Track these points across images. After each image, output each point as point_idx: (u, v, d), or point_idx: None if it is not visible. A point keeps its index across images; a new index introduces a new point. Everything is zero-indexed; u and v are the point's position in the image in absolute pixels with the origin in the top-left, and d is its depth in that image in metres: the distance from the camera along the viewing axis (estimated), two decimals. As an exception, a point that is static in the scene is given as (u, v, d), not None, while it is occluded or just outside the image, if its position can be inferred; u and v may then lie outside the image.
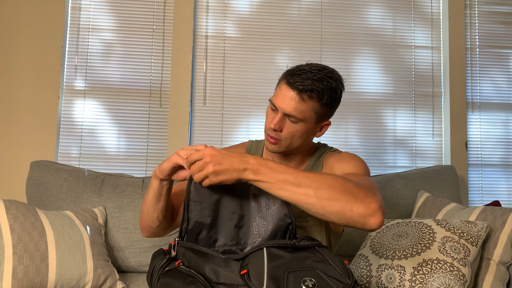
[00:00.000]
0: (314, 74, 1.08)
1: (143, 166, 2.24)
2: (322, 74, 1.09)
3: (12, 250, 1.39)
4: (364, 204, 0.86)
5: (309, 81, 1.07)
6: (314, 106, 1.09)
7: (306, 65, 1.11)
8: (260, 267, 0.80)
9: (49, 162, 1.91)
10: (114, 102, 2.24)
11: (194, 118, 2.28)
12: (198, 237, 0.93)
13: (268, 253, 0.84)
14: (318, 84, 1.07)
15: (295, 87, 1.07)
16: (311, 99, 1.08)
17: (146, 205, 1.09)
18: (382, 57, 2.41)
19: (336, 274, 0.80)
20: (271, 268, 0.80)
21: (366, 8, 2.43)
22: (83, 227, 1.60)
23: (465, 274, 1.42)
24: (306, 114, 1.09)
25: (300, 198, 0.87)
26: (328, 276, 0.79)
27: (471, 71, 2.44)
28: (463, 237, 1.50)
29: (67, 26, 2.25)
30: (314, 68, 1.10)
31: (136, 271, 1.81)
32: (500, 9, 2.50)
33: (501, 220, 1.56)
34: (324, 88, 1.08)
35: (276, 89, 1.13)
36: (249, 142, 1.33)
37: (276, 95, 1.12)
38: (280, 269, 0.80)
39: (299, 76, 1.08)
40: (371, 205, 0.87)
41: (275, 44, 2.35)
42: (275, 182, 0.87)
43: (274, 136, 1.12)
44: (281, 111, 1.09)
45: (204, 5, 2.34)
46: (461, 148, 2.38)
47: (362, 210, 0.86)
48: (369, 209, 0.86)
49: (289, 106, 1.08)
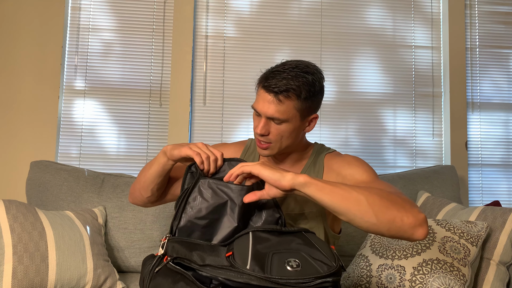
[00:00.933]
0: (288, 73, 1.07)
1: (143, 166, 2.23)
2: (296, 71, 1.08)
3: (12, 250, 1.39)
4: (413, 214, 0.86)
5: (284, 81, 1.06)
6: (294, 104, 1.08)
7: (280, 65, 1.11)
8: (245, 249, 0.81)
9: (49, 162, 1.91)
10: (114, 102, 2.24)
11: (194, 118, 2.28)
12: (190, 236, 0.93)
13: (253, 236, 0.86)
14: (293, 82, 1.06)
15: (271, 90, 1.07)
16: (289, 99, 1.07)
17: (146, 176, 1.17)
18: (382, 57, 2.41)
19: (321, 257, 0.80)
20: (256, 249, 0.81)
21: (366, 8, 2.43)
22: (83, 227, 1.60)
23: (465, 274, 1.42)
24: (288, 114, 1.08)
25: (351, 205, 0.85)
26: (313, 259, 0.79)
27: (471, 71, 2.44)
28: (463, 237, 1.50)
29: (67, 26, 2.25)
30: (288, 66, 1.09)
31: (136, 271, 1.81)
32: (500, 9, 2.50)
33: (501, 220, 1.56)
34: (300, 85, 1.07)
35: (256, 94, 1.14)
36: (248, 140, 1.33)
37: (256, 100, 1.12)
38: (265, 250, 0.81)
39: (273, 78, 1.07)
40: (419, 216, 0.86)
41: (275, 44, 2.35)
42: (325, 187, 0.87)
43: (264, 140, 1.12)
44: (263, 115, 1.09)
45: (204, 5, 2.34)
46: (461, 148, 2.38)
47: (411, 220, 0.85)
48: (417, 220, 0.86)
49: (269, 109, 1.08)
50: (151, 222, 1.80)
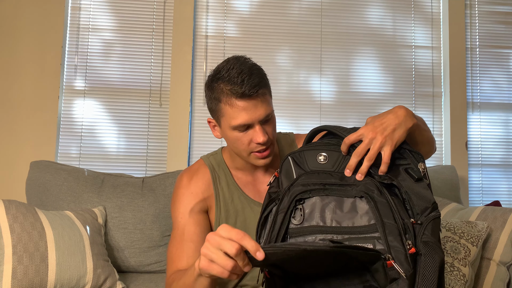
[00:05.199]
0: (247, 72, 1.01)
1: (143, 166, 2.23)
2: (247, 65, 1.04)
3: (12, 250, 1.39)
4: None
5: (252, 79, 1.00)
6: (268, 92, 1.06)
7: (231, 69, 1.03)
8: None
9: (49, 162, 1.91)
10: (114, 102, 2.24)
11: (194, 118, 2.28)
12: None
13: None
14: (257, 74, 1.03)
15: (251, 95, 1.00)
16: (264, 89, 1.04)
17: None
18: (382, 57, 2.41)
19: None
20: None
21: (366, 8, 2.43)
22: (83, 227, 1.60)
23: (465, 274, 1.42)
24: (271, 104, 1.06)
25: (428, 140, 0.98)
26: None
27: (471, 71, 2.44)
28: (464, 237, 1.50)
29: (67, 26, 2.25)
30: (240, 68, 1.02)
31: (136, 271, 1.81)
32: (500, 9, 2.50)
33: (501, 220, 1.56)
34: (259, 73, 1.04)
35: (225, 112, 1.02)
36: (205, 160, 1.19)
37: (236, 117, 1.01)
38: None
39: (242, 84, 0.99)
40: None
41: (275, 44, 2.35)
42: (422, 124, 0.95)
43: (266, 146, 1.04)
44: (256, 122, 1.02)
45: (204, 5, 2.34)
46: (461, 148, 2.37)
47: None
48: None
49: (261, 111, 1.01)
50: (151, 222, 1.79)
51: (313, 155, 0.86)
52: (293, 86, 2.35)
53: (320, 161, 0.85)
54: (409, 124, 0.86)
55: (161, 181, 1.88)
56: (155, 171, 2.22)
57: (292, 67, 2.35)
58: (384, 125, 0.84)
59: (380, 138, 0.82)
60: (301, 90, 2.35)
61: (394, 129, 0.84)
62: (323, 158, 0.85)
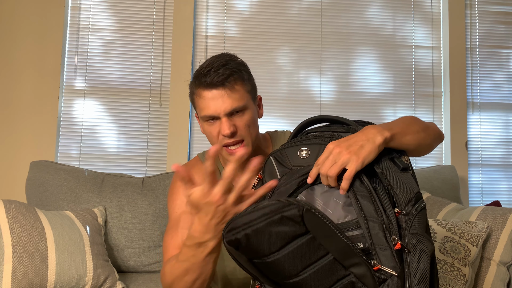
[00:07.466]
0: (219, 64, 1.01)
1: (143, 166, 2.23)
2: (224, 59, 1.03)
3: (12, 250, 1.39)
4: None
5: (220, 70, 0.99)
6: (243, 87, 1.04)
7: (204, 65, 1.03)
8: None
9: (49, 162, 1.91)
10: (114, 102, 2.24)
11: (194, 118, 2.28)
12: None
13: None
14: (229, 66, 1.01)
15: (216, 84, 0.99)
16: (237, 83, 1.02)
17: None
18: (382, 56, 2.41)
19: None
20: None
21: (366, 8, 2.43)
22: (83, 227, 1.60)
23: (465, 274, 1.42)
24: (244, 99, 1.03)
25: (420, 138, 0.92)
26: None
27: (471, 71, 2.44)
28: (464, 237, 1.50)
29: (67, 26, 2.24)
30: (213, 60, 1.02)
31: (136, 271, 1.81)
32: (500, 9, 2.50)
33: (501, 220, 1.56)
34: (236, 67, 1.03)
35: (197, 104, 1.04)
36: (201, 157, 1.21)
37: (201, 108, 1.02)
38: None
39: (209, 74, 1.00)
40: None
41: (275, 44, 2.35)
42: (402, 130, 0.87)
43: (236, 140, 1.02)
44: (222, 114, 1.01)
45: (204, 5, 2.34)
46: (461, 148, 2.37)
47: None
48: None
49: (225, 104, 1.00)
50: (151, 222, 1.79)
51: (295, 151, 0.86)
52: (293, 86, 2.35)
53: (302, 156, 0.85)
54: (379, 140, 0.80)
55: (161, 181, 1.88)
56: (155, 171, 2.22)
57: (292, 67, 2.35)
58: (349, 142, 0.80)
59: (345, 153, 0.78)
60: (301, 90, 2.35)
61: (361, 145, 0.79)
62: (305, 153, 0.85)
